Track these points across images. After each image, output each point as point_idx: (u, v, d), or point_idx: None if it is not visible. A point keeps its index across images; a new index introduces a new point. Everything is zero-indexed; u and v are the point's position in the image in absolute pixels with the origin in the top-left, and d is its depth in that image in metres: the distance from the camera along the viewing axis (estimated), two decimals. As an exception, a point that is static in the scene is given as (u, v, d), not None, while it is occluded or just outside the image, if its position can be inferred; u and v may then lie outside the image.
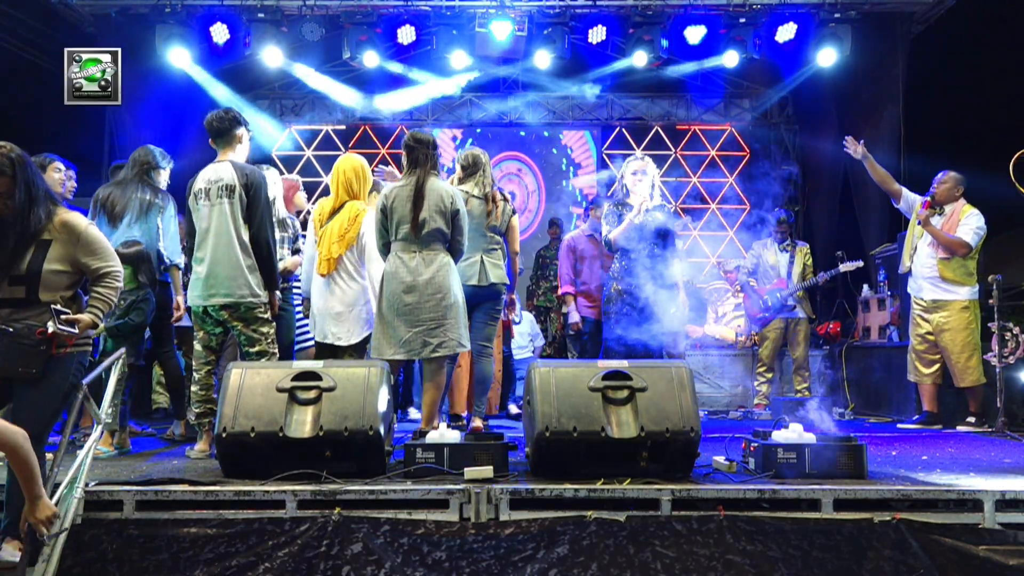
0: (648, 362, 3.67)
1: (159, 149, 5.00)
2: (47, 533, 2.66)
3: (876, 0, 7.88)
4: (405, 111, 10.24)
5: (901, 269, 5.92)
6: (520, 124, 10.59)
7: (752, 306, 7.00)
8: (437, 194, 4.31)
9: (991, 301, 5.28)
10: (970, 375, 5.52)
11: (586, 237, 6.31)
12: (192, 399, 4.23)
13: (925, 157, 6.69)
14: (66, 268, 2.96)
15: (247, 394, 3.42)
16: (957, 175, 5.68)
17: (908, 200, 5.89)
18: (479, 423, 4.83)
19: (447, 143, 10.50)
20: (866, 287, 7.56)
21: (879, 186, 6.06)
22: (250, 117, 4.50)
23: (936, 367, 5.72)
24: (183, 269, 4.85)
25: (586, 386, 3.41)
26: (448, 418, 5.15)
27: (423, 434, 3.72)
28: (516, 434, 4.28)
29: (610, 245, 5.17)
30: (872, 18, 8.04)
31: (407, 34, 7.93)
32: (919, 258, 5.71)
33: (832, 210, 9.41)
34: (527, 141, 10.69)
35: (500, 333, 5.89)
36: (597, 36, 8.04)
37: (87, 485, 3.15)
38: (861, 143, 5.90)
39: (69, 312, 2.91)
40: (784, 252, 6.93)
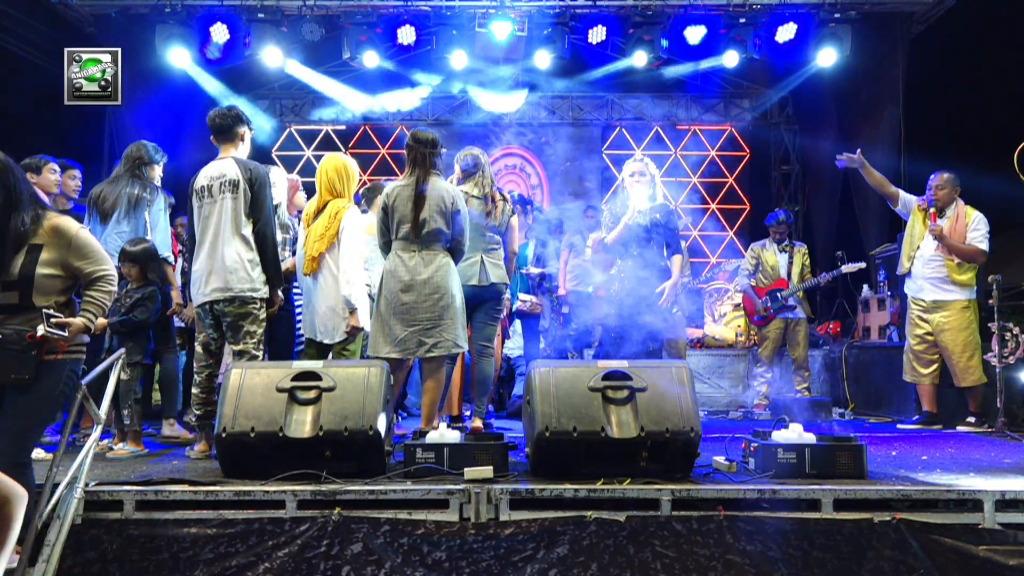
0: (648, 362, 3.67)
1: (152, 144, 4.98)
2: None
3: (876, 0, 7.88)
4: (405, 111, 10.24)
5: (900, 270, 5.89)
6: (520, 124, 10.59)
7: (752, 307, 7.00)
8: (438, 194, 4.31)
9: (991, 301, 5.28)
10: (971, 375, 5.52)
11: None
12: (193, 401, 4.22)
13: (925, 157, 6.68)
14: (59, 272, 2.94)
15: (247, 394, 3.42)
16: (951, 175, 5.66)
17: (905, 202, 5.88)
18: (479, 423, 4.83)
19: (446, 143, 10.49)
20: (866, 287, 7.56)
21: (876, 190, 6.04)
22: (250, 117, 4.48)
23: (934, 367, 5.72)
24: (179, 271, 4.86)
25: (586, 386, 3.41)
26: (448, 419, 5.15)
27: (423, 434, 3.72)
28: (516, 434, 4.28)
29: (606, 248, 5.16)
30: (872, 18, 8.04)
31: (407, 34, 7.92)
32: (922, 259, 5.69)
33: (832, 210, 9.41)
34: (530, 140, 10.68)
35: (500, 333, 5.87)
36: (597, 36, 8.04)
37: (87, 485, 3.15)
38: (858, 152, 5.86)
39: (60, 316, 2.88)
40: (783, 253, 6.93)
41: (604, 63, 9.16)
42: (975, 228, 5.54)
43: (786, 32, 7.91)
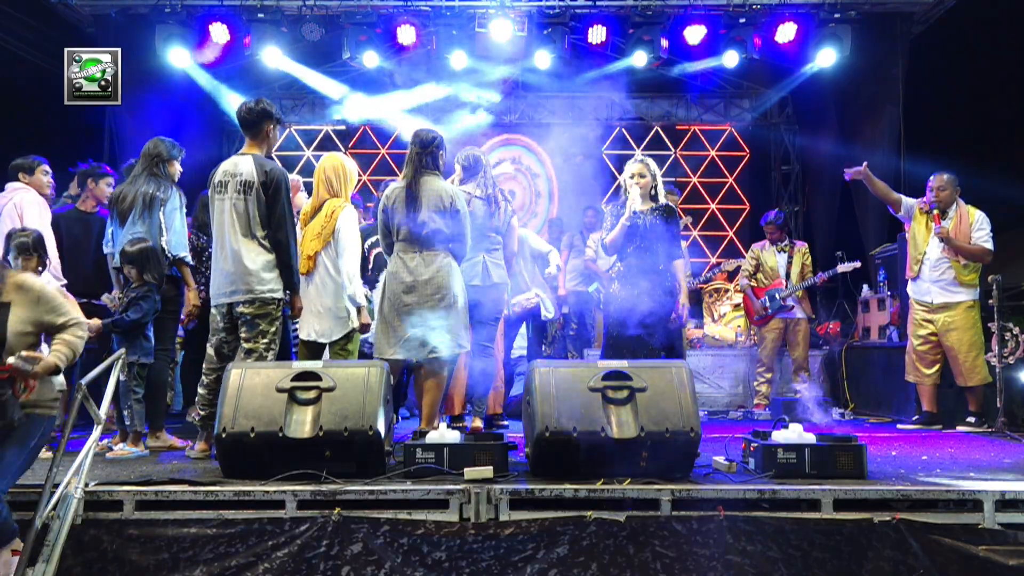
0: (648, 362, 3.67)
1: (169, 140, 4.81)
2: None
3: (876, 0, 7.88)
4: (405, 111, 10.22)
5: (909, 274, 5.82)
6: (520, 124, 10.58)
7: (751, 307, 7.00)
8: (436, 194, 4.31)
9: (991, 301, 5.28)
10: (977, 374, 5.51)
11: None
12: (197, 401, 4.21)
13: (925, 157, 6.68)
14: (30, 329, 2.92)
15: (247, 394, 3.42)
16: (950, 176, 5.64)
17: (908, 208, 5.87)
18: (478, 423, 4.83)
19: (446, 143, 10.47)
20: (866, 287, 7.56)
21: (881, 200, 6.03)
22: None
23: (937, 368, 5.71)
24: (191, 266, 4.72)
25: (586, 386, 3.41)
26: (448, 419, 5.14)
27: (423, 434, 3.72)
28: (516, 434, 4.28)
29: (605, 247, 5.14)
30: (872, 18, 8.04)
31: (407, 34, 7.93)
32: (929, 262, 5.66)
33: (832, 210, 9.40)
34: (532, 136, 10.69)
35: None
36: (597, 36, 8.03)
37: (87, 485, 3.15)
38: (864, 165, 5.82)
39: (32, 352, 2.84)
40: (782, 253, 6.93)
41: (604, 63, 9.15)
42: (979, 228, 5.53)
43: (786, 32, 7.91)
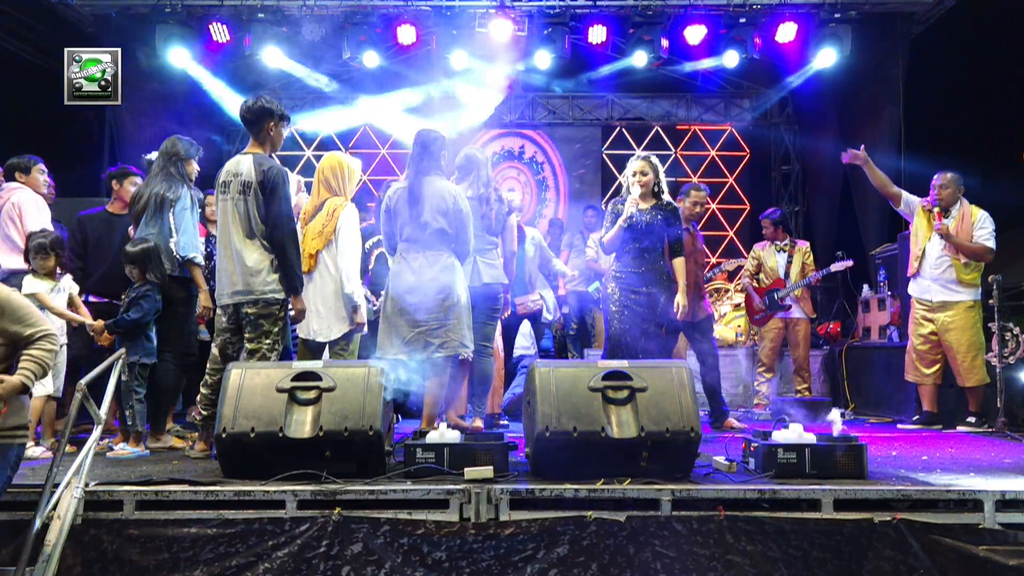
0: (648, 362, 3.67)
1: (187, 139, 4.75)
2: None
3: (876, 0, 7.88)
4: (405, 111, 10.21)
5: (909, 272, 5.83)
6: (520, 124, 10.58)
7: (752, 307, 7.00)
8: (438, 195, 4.31)
9: (991, 301, 5.28)
10: (975, 374, 5.51)
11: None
12: (199, 400, 4.20)
13: (925, 157, 6.68)
14: None
15: (247, 394, 3.41)
16: (955, 175, 5.64)
17: (909, 202, 5.86)
18: (479, 423, 4.84)
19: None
20: (866, 287, 7.56)
21: (878, 190, 6.03)
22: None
23: (937, 367, 5.71)
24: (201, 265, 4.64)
25: (586, 386, 3.41)
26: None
27: (423, 434, 3.72)
28: (516, 434, 4.28)
29: (604, 246, 5.13)
30: (872, 18, 8.04)
31: (407, 34, 7.93)
32: (929, 260, 5.66)
33: (832, 210, 9.41)
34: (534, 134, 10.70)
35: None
36: (597, 36, 8.04)
37: (87, 485, 3.15)
38: (862, 148, 5.84)
39: None
40: (782, 252, 6.93)
41: (604, 63, 9.15)
42: (981, 226, 5.52)
43: (786, 32, 7.92)
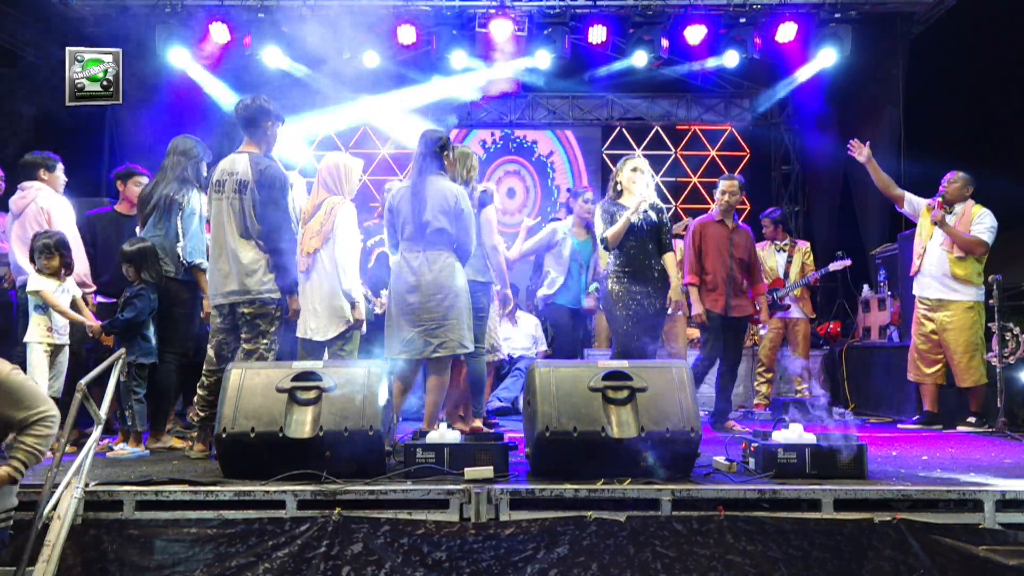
0: (648, 362, 3.68)
1: (195, 139, 4.71)
2: None
3: (876, 0, 7.88)
4: (405, 111, 10.21)
5: (912, 271, 5.83)
6: (520, 124, 10.58)
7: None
8: (440, 194, 4.31)
9: (991, 301, 5.28)
10: (971, 376, 5.51)
11: (716, 222, 5.76)
12: (196, 402, 4.21)
13: (925, 158, 6.68)
14: None
15: (247, 394, 3.41)
16: (966, 175, 5.66)
17: (913, 203, 5.86)
18: (479, 423, 4.83)
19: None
20: (866, 287, 7.56)
21: (881, 192, 6.03)
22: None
23: (938, 367, 5.71)
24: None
25: (586, 386, 3.41)
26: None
27: (423, 434, 3.72)
28: (516, 434, 4.28)
29: (606, 244, 5.13)
30: (872, 18, 8.04)
31: (407, 34, 7.93)
32: (929, 257, 5.66)
33: (832, 210, 9.41)
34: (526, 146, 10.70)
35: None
36: (597, 36, 8.03)
37: (87, 485, 3.15)
38: (867, 144, 5.85)
39: None
40: (781, 252, 6.93)
41: (604, 63, 9.15)
42: (979, 221, 5.53)
43: (786, 32, 7.91)
